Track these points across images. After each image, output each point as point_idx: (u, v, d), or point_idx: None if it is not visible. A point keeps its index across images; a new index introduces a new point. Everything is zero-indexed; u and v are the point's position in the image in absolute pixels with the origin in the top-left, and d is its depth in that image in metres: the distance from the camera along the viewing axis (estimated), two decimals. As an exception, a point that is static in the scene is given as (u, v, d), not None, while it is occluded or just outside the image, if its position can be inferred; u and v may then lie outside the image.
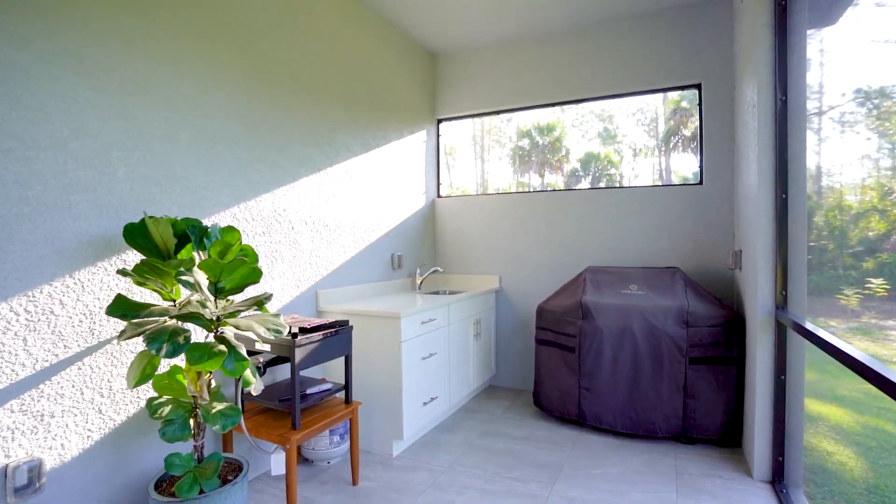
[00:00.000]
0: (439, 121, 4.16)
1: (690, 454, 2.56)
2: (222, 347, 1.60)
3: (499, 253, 3.86)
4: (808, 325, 1.77)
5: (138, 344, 1.86)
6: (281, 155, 2.52)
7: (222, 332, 1.70)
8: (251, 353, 2.16)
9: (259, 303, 1.67)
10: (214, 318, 1.68)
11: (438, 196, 4.14)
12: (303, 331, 2.06)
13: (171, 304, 1.75)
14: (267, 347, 2.04)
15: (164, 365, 1.89)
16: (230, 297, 1.83)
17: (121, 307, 1.53)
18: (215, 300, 1.71)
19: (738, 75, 2.87)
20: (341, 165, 2.97)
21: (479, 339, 3.50)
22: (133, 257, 1.83)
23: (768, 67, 2.17)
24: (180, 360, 1.92)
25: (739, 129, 2.81)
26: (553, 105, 3.76)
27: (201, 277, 1.63)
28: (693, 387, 2.63)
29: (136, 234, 1.64)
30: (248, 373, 1.71)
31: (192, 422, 1.71)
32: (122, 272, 1.57)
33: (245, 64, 2.32)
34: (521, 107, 3.84)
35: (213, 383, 1.84)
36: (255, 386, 1.78)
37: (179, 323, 1.65)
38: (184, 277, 1.54)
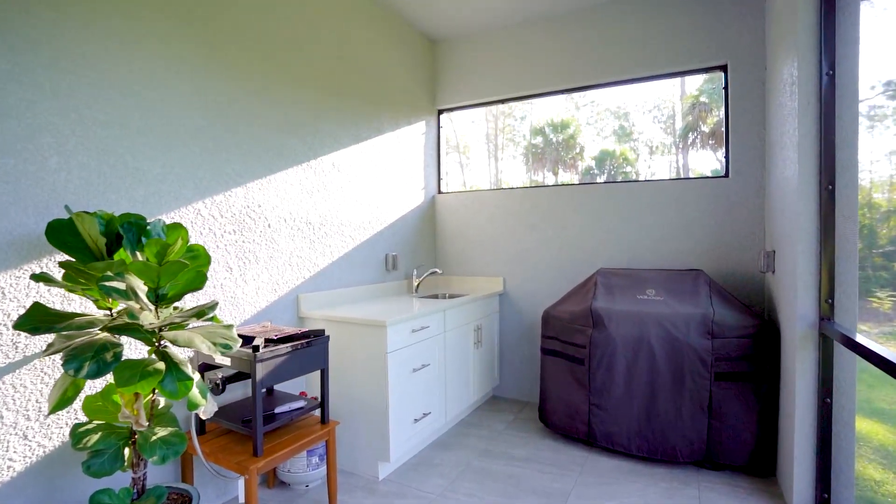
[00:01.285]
0: (440, 111, 3.88)
1: (716, 483, 2.25)
2: (159, 365, 1.35)
3: (503, 253, 3.57)
4: (866, 341, 1.45)
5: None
6: (255, 144, 2.28)
7: (165, 347, 1.46)
8: (210, 367, 1.91)
9: (201, 313, 1.42)
10: (155, 330, 1.43)
11: (439, 192, 3.87)
12: (268, 342, 1.81)
13: (108, 313, 1.51)
14: (227, 361, 1.79)
15: (101, 382, 1.66)
16: (177, 305, 1.58)
17: (33, 319, 1.29)
18: (156, 309, 1.46)
19: (770, 52, 2.53)
20: (327, 157, 2.71)
21: (480, 346, 3.22)
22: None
23: (812, 37, 1.85)
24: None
25: (773, 114, 2.48)
26: (563, 92, 3.45)
27: (137, 283, 1.39)
28: (719, 406, 2.31)
29: (64, 233, 1.40)
30: (195, 393, 1.46)
31: (128, 451, 1.47)
32: (38, 277, 1.33)
33: (214, 42, 2.07)
34: (528, 94, 3.54)
35: (163, 403, 1.61)
36: (206, 408, 1.54)
37: (116, 336, 1.41)
38: (109, 283, 1.29)
